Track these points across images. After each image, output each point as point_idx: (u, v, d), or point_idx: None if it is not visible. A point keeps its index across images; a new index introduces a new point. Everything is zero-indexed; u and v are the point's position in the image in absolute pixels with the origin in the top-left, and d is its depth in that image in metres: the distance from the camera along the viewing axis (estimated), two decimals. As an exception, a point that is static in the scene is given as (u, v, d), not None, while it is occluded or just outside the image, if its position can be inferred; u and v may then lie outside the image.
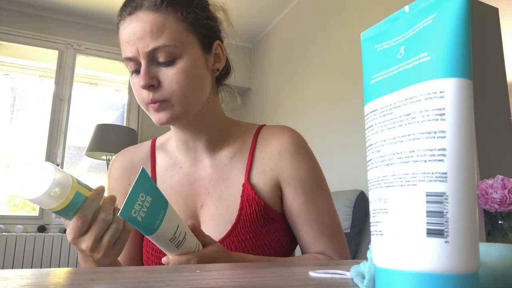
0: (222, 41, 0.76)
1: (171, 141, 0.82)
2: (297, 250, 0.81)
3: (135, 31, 0.65)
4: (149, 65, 0.65)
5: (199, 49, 0.70)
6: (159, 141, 0.85)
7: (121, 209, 0.47)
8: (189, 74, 0.67)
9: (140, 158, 0.82)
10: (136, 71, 0.67)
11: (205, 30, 0.71)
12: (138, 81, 0.66)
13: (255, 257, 0.66)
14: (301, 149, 0.76)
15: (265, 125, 0.82)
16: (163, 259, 0.55)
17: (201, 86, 0.70)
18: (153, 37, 0.64)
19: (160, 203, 0.51)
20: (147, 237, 0.51)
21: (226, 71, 0.80)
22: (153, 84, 0.65)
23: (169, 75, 0.66)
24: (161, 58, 0.65)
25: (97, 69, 3.62)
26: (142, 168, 0.51)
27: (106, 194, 0.85)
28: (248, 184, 0.73)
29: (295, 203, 0.74)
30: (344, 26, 2.55)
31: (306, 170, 0.75)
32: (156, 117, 0.68)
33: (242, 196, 0.72)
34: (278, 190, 0.75)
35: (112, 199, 0.57)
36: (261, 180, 0.74)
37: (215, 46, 0.74)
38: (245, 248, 0.69)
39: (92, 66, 3.57)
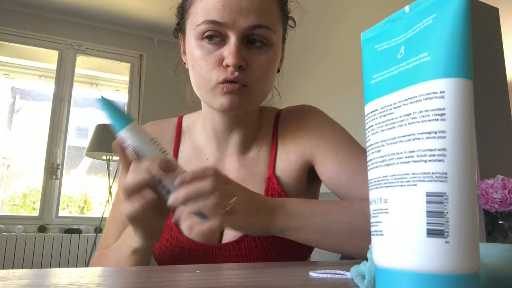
0: None
1: (199, 125, 0.74)
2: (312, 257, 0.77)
3: (240, 1, 0.58)
4: (241, 43, 0.59)
5: (281, 44, 0.66)
6: (186, 121, 0.76)
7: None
8: (274, 66, 0.64)
9: (165, 137, 0.74)
10: (211, 38, 0.60)
11: (286, 27, 0.68)
12: (216, 55, 0.60)
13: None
14: (320, 118, 0.71)
15: (281, 110, 0.77)
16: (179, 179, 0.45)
17: (273, 81, 0.67)
18: (259, 14, 0.59)
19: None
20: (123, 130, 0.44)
21: None
22: (241, 65, 0.59)
23: (257, 61, 0.60)
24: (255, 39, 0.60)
25: (97, 69, 3.62)
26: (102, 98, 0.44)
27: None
28: (274, 177, 0.68)
29: (329, 167, 0.65)
30: (344, 26, 2.55)
31: (330, 133, 0.68)
32: (227, 100, 0.60)
33: (266, 191, 0.67)
34: (305, 174, 0.69)
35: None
36: (286, 167, 0.69)
37: (284, 46, 0.71)
38: (266, 247, 0.64)
39: (92, 66, 3.57)
